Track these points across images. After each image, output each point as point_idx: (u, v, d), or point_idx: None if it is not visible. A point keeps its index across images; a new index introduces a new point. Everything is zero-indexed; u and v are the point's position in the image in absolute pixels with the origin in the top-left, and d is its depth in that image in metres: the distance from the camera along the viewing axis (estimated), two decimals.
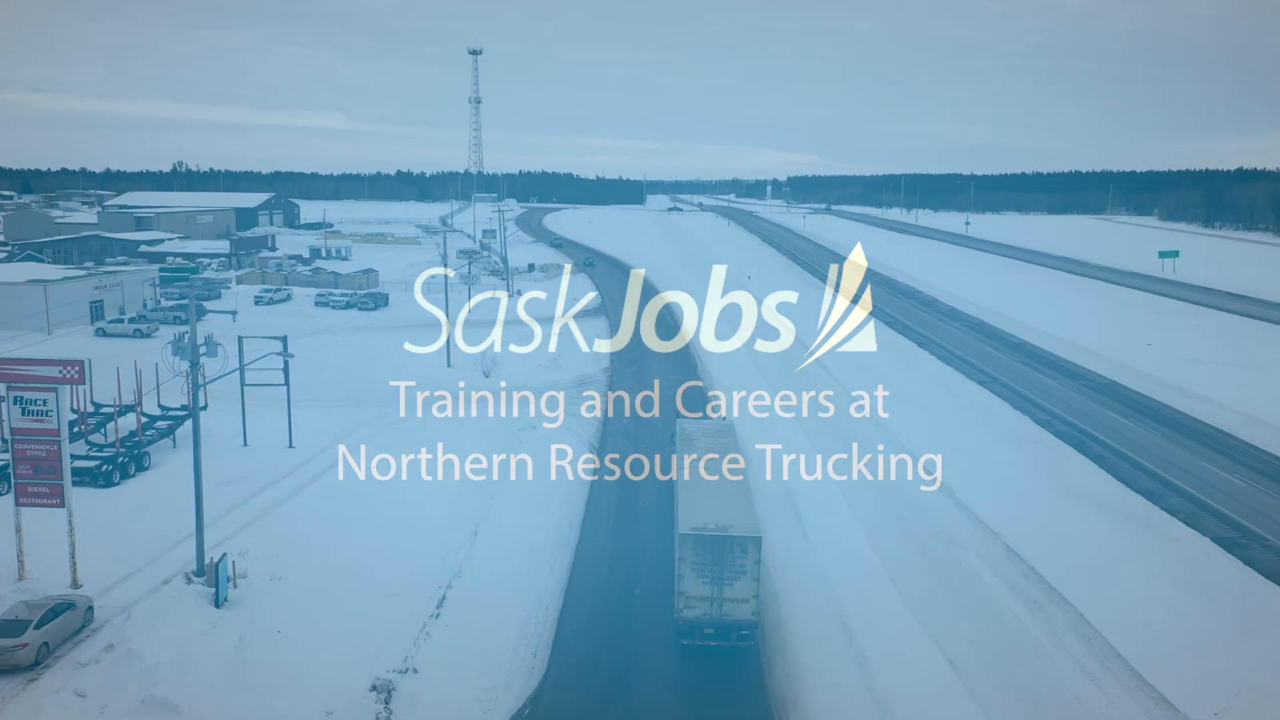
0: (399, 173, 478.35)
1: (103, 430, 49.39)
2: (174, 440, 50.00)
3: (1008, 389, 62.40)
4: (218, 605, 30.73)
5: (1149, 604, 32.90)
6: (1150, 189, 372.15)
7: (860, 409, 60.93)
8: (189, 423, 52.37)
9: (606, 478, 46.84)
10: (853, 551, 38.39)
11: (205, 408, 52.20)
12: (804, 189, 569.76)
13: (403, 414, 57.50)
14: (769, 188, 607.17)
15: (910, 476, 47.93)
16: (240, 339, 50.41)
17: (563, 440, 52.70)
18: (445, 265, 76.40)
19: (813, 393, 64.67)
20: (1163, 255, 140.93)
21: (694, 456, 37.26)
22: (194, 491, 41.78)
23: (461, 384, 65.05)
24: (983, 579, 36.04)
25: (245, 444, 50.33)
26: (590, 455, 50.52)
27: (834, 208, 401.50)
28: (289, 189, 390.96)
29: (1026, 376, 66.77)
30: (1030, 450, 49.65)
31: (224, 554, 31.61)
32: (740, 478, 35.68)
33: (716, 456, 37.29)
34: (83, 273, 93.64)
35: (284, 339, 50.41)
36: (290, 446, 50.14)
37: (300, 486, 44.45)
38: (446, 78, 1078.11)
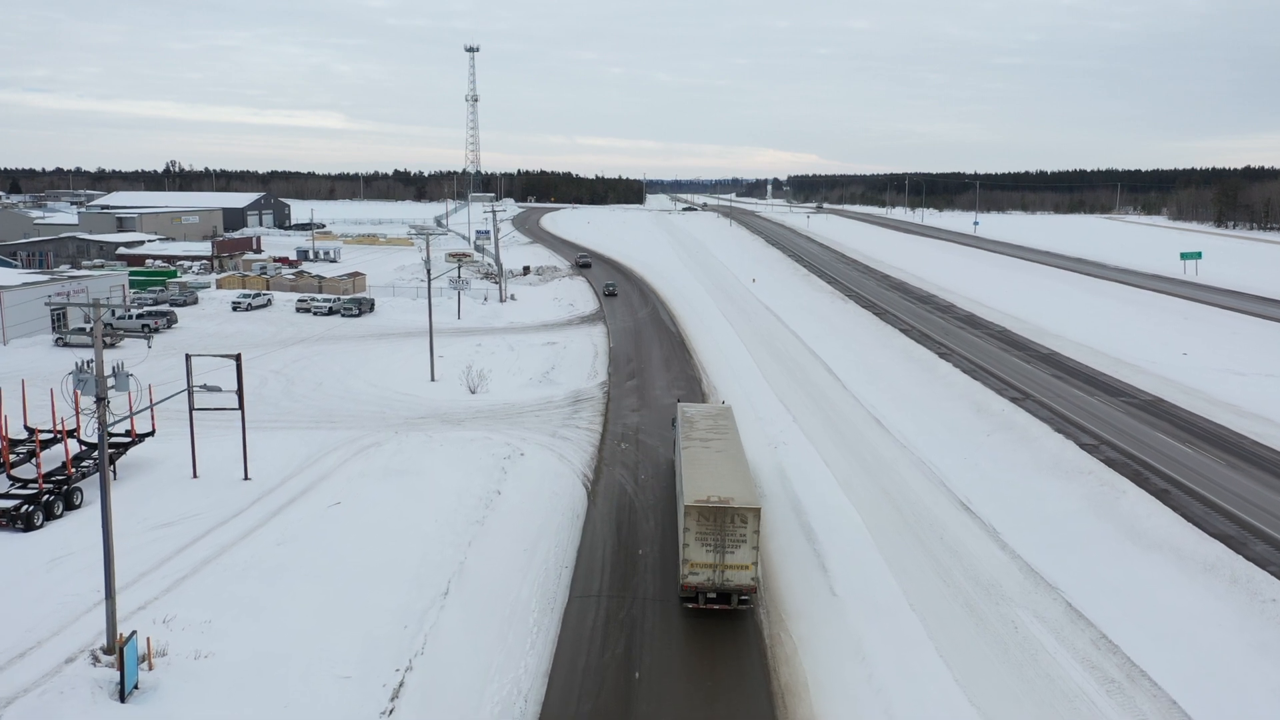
0: (396, 172, 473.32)
1: (35, 461, 43.76)
2: (115, 471, 44.30)
3: (1044, 407, 56.75)
4: (123, 698, 25.09)
5: (1253, 689, 27.27)
6: (1157, 188, 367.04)
7: (883, 429, 55.39)
8: (135, 450, 46.99)
9: (601, 515, 41.23)
10: (888, 611, 32.77)
11: (152, 433, 46.98)
12: (805, 188, 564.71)
13: (377, 438, 51.97)
14: (769, 187, 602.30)
15: (945, 512, 42.38)
16: (188, 357, 44.77)
17: (553, 469, 47.09)
18: (429, 271, 70.60)
19: (832, 414, 59.13)
20: (1184, 256, 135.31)
21: (696, 437, 39.42)
22: (124, 545, 36.78)
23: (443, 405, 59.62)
24: (1045, 648, 30.40)
25: (195, 475, 44.67)
26: (584, 487, 44.87)
27: (825, 206, 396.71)
28: (284, 189, 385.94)
29: (1062, 392, 61.12)
30: (1080, 483, 44.01)
31: (134, 631, 25.93)
32: (739, 456, 37.46)
33: (717, 437, 39.59)
34: (45, 277, 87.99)
35: (238, 357, 44.71)
36: (246, 478, 44.50)
37: (252, 528, 38.76)
38: (444, 77, 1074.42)
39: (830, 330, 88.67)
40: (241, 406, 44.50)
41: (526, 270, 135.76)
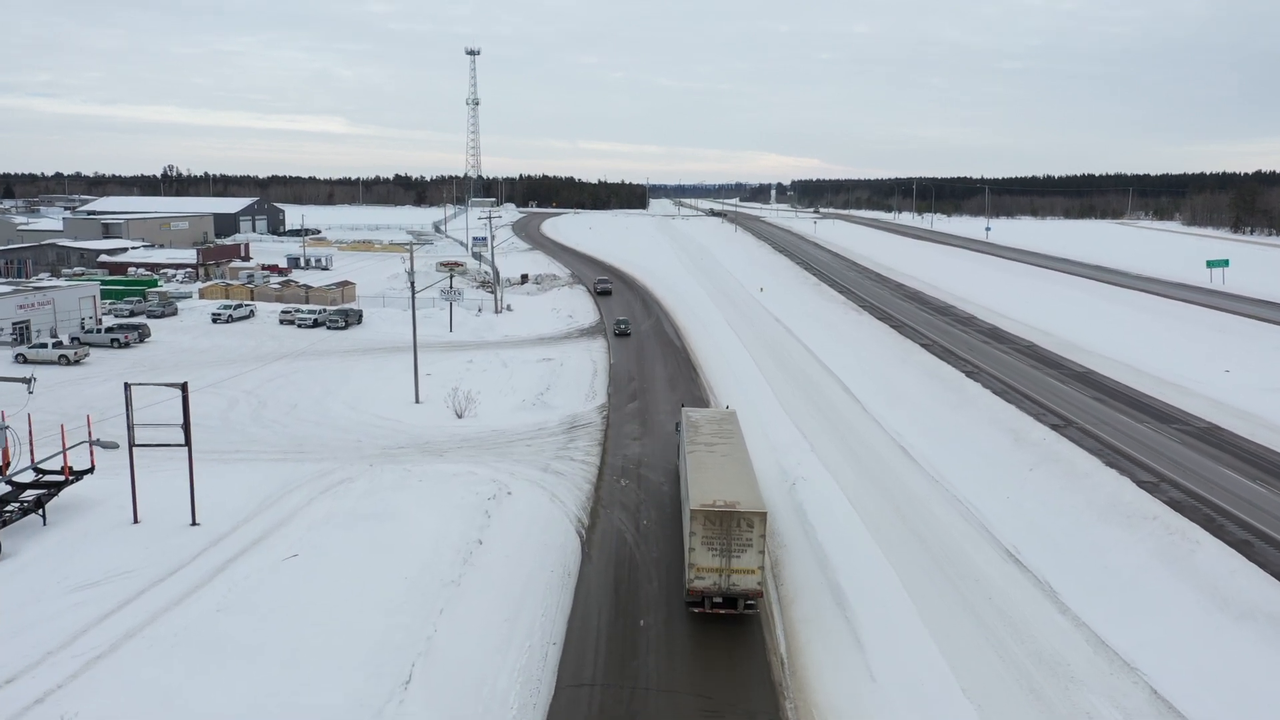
0: (396, 176, 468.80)
1: None
2: (44, 517, 38.95)
3: (1089, 436, 51.30)
4: None
5: None
6: (1167, 192, 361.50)
7: (910, 460, 49.97)
8: (73, 489, 41.63)
9: (597, 572, 35.78)
10: (940, 701, 27.33)
11: (91, 470, 41.68)
12: (809, 192, 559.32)
13: (349, 472, 46.62)
14: (773, 191, 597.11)
15: (991, 565, 36.95)
16: (127, 386, 39.38)
17: (544, 512, 41.64)
18: (413, 284, 65.21)
19: (854, 441, 53.63)
20: (1210, 264, 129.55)
21: (701, 441, 39.09)
22: (37, 614, 31.51)
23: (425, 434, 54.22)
24: None
25: (136, 520, 39.28)
26: (578, 535, 39.44)
27: (822, 210, 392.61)
28: (282, 194, 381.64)
29: (1106, 418, 55.65)
30: (1144, 530, 38.51)
31: None
32: (745, 460, 37.34)
33: (721, 441, 39.30)
34: (9, 288, 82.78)
35: (183, 386, 39.29)
36: (194, 524, 39.12)
37: (191, 588, 33.39)
38: (447, 81, 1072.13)
39: (845, 344, 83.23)
40: (188, 443, 39.10)
41: (525, 279, 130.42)
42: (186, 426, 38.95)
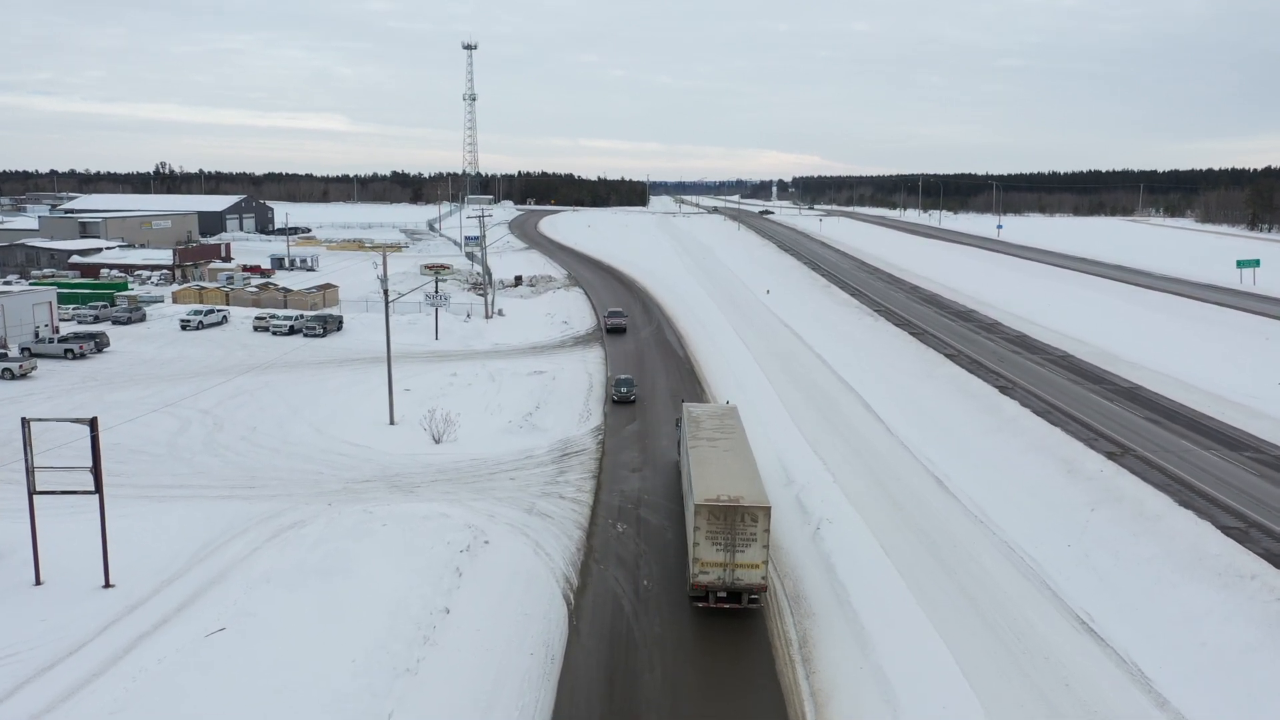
0: (393, 173, 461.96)
1: None
2: None
3: (1152, 468, 44.99)
4: None
5: None
6: (1175, 189, 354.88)
7: (948, 495, 43.72)
8: None
9: (587, 654, 29.44)
10: None
11: None
12: (810, 189, 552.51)
13: (303, 513, 40.33)
14: (774, 188, 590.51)
15: (1061, 637, 30.72)
16: (25, 421, 33.02)
17: (525, 568, 35.34)
18: (386, 293, 58.77)
19: (882, 472, 47.22)
20: (1241, 264, 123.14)
21: (703, 437, 38.95)
22: None
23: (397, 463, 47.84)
24: None
25: (38, 581, 33.03)
26: (565, 601, 33.12)
27: (817, 206, 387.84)
28: (276, 191, 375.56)
29: (1167, 444, 49.32)
30: (1242, 593, 32.20)
31: None
32: (747, 454, 37.18)
33: (724, 437, 39.12)
34: None
35: (92, 422, 32.91)
36: (107, 585, 32.87)
37: (86, 678, 27.16)
38: (447, 80, 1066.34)
39: (862, 354, 76.86)
40: (99, 489, 32.77)
41: (519, 280, 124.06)
42: (97, 470, 32.61)
